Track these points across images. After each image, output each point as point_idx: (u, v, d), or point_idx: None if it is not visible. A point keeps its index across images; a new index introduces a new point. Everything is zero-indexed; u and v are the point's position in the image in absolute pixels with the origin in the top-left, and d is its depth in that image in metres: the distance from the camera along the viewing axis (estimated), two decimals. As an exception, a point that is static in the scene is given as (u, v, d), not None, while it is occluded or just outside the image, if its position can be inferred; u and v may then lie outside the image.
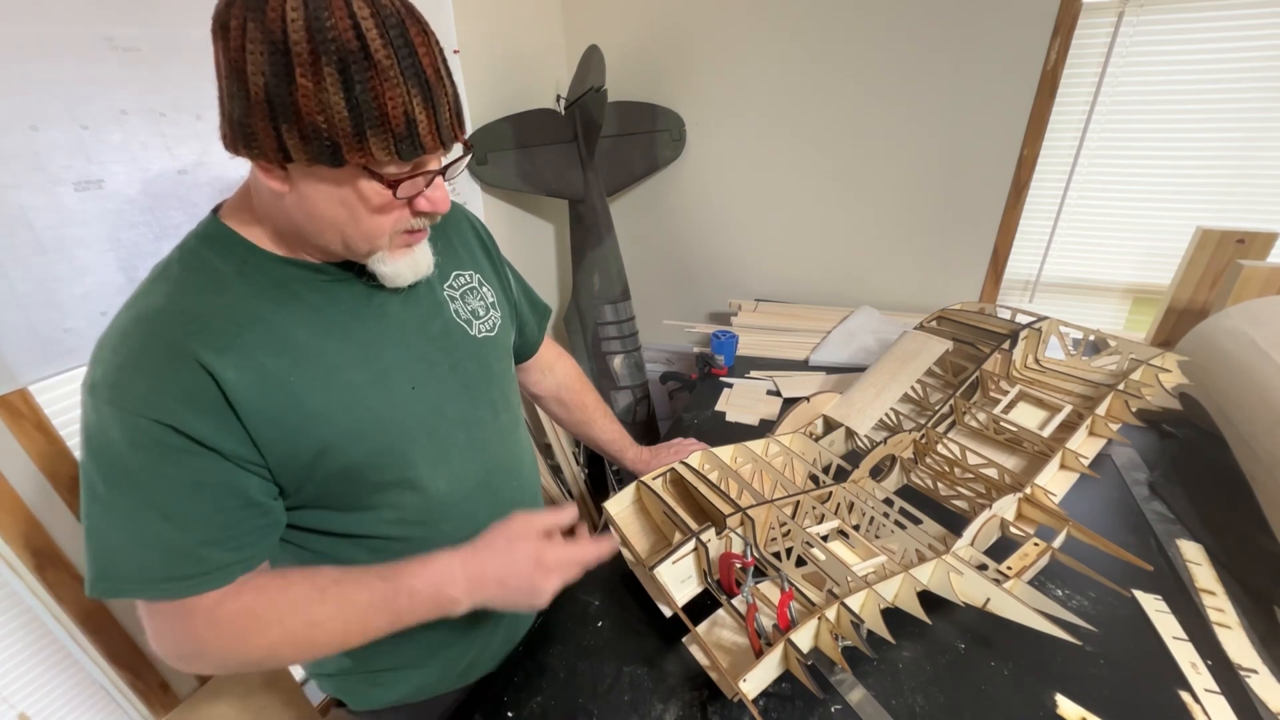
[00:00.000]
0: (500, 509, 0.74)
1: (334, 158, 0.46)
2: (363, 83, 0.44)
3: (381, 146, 0.46)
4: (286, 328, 0.55)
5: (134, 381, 0.49)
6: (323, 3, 0.43)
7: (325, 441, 0.56)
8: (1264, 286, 1.24)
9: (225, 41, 0.44)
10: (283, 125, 0.44)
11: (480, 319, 0.72)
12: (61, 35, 0.83)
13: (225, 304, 0.52)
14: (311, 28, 0.42)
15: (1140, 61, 1.41)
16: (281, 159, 0.46)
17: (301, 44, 0.43)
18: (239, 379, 0.51)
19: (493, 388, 0.73)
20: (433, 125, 0.48)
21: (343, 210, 0.51)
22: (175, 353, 0.49)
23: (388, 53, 0.44)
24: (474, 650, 0.78)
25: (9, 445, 0.90)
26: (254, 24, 0.43)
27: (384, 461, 0.61)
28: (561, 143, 1.72)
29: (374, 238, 0.54)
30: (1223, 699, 0.67)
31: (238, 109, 0.45)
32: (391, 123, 0.46)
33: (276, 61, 0.43)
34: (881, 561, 0.76)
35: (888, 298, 1.84)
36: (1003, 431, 1.01)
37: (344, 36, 0.43)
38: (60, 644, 1.01)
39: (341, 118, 0.44)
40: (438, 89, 0.48)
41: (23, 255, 0.84)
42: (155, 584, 0.51)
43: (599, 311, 1.87)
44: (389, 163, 0.48)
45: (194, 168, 1.00)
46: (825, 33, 1.61)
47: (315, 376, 0.56)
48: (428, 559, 0.60)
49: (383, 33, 0.44)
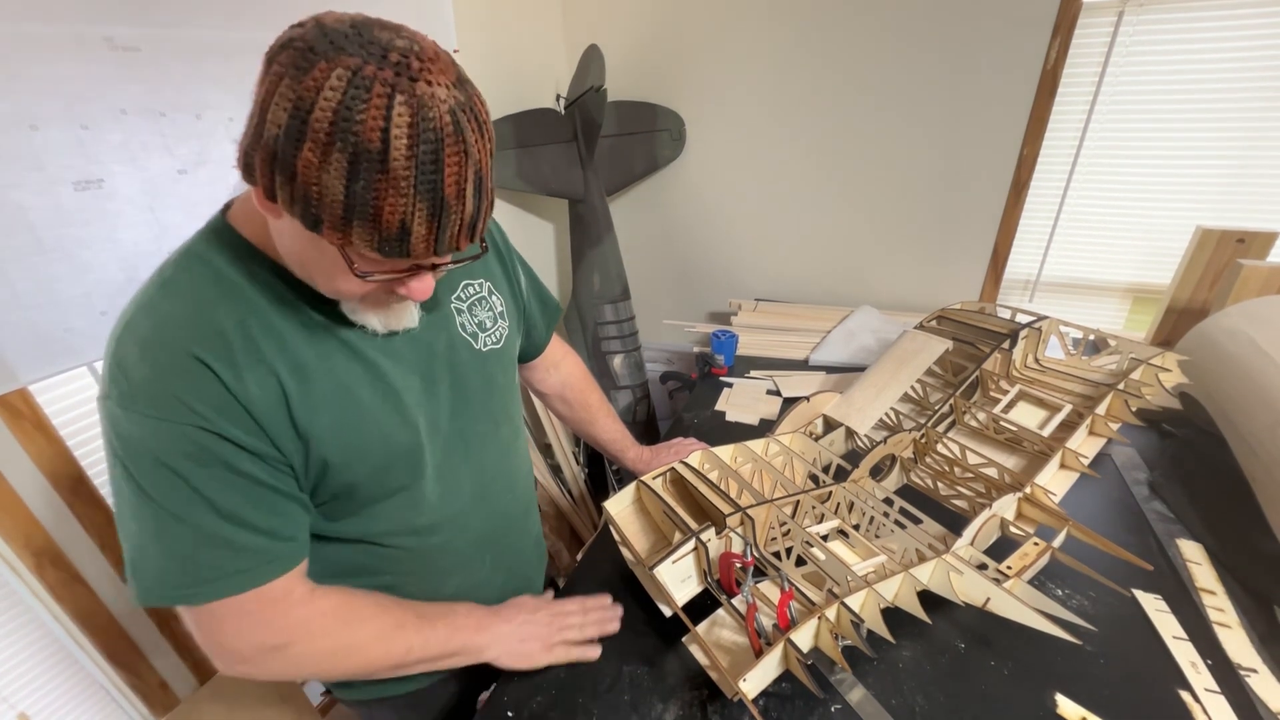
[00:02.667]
0: (493, 520, 0.75)
1: (313, 226, 0.44)
2: (367, 181, 0.42)
3: (364, 239, 0.44)
4: (297, 343, 0.55)
5: (167, 393, 0.49)
6: (363, 95, 0.40)
7: (331, 456, 0.57)
8: (1264, 286, 1.24)
9: (265, 76, 0.43)
10: (279, 177, 0.43)
11: (486, 331, 0.71)
12: (61, 35, 0.83)
13: (240, 317, 0.53)
14: (339, 113, 0.40)
15: (1140, 61, 1.41)
16: (268, 197, 0.46)
17: (322, 124, 0.41)
18: (259, 394, 0.52)
19: (494, 401, 0.73)
20: (431, 238, 0.46)
21: (316, 258, 0.50)
22: (200, 366, 0.50)
23: (408, 165, 0.42)
24: None
25: (9, 445, 0.90)
26: (290, 81, 0.41)
27: (385, 476, 0.62)
28: (561, 142, 1.72)
29: (341, 296, 0.54)
30: (1223, 698, 0.67)
31: (249, 139, 0.45)
32: (383, 225, 0.44)
33: (293, 126, 0.41)
34: (881, 561, 0.76)
35: (888, 297, 1.84)
36: (1003, 431, 1.01)
37: (368, 135, 0.41)
38: (60, 644, 1.01)
39: (334, 200, 0.43)
40: (453, 209, 0.45)
41: (23, 255, 0.84)
42: (229, 579, 0.53)
43: (599, 311, 1.87)
44: (368, 254, 0.46)
45: (194, 168, 1.00)
46: (825, 32, 1.61)
47: (326, 393, 0.56)
48: (473, 614, 0.70)
49: (412, 146, 0.42)
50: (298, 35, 0.42)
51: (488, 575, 0.76)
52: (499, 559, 0.78)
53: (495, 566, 0.77)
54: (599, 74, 1.58)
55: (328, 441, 0.56)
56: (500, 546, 0.78)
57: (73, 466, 0.98)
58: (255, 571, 0.54)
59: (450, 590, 0.72)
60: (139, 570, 0.52)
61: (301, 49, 0.41)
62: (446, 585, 0.72)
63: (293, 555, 0.57)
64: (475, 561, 0.74)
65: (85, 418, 1.01)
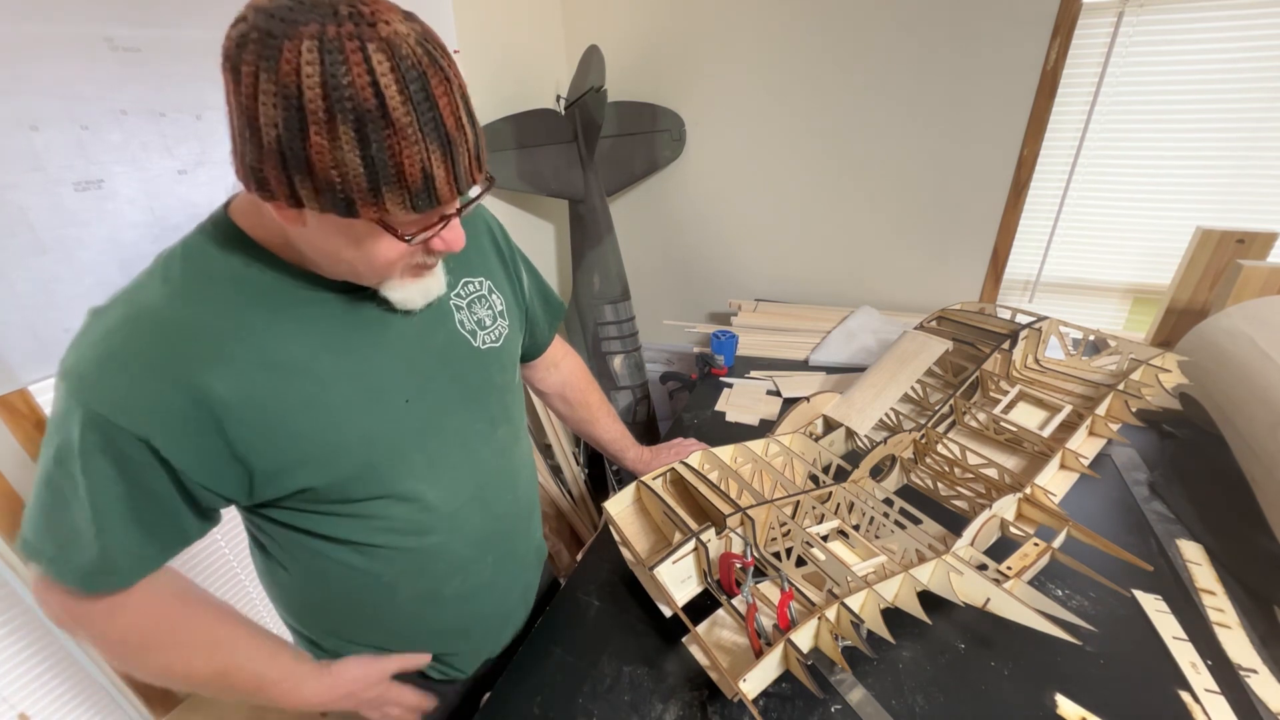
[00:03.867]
0: (494, 521, 0.74)
1: (348, 210, 0.45)
2: (379, 142, 0.42)
3: (397, 202, 0.45)
4: (278, 340, 0.54)
5: (108, 381, 0.48)
6: (339, 58, 0.40)
7: (307, 455, 0.56)
8: (1264, 286, 1.24)
9: (236, 85, 0.42)
10: (295, 176, 0.43)
11: (486, 329, 0.71)
12: (61, 35, 0.83)
13: (217, 311, 0.52)
14: (327, 84, 0.40)
15: (1140, 61, 1.41)
16: (292, 204, 0.46)
17: (316, 101, 0.40)
18: (226, 391, 0.51)
19: (492, 400, 0.72)
20: (450, 177, 0.47)
21: (355, 250, 0.50)
22: (158, 366, 0.49)
23: (406, 110, 0.42)
24: (469, 648, 0.78)
25: (9, 445, 0.90)
26: (267, 75, 0.40)
27: (369, 476, 0.61)
28: (561, 143, 1.72)
29: (384, 274, 0.54)
30: (1223, 699, 0.67)
31: (250, 154, 0.44)
32: (408, 180, 0.45)
33: (290, 117, 0.41)
34: (881, 561, 0.76)
35: (888, 298, 1.85)
36: (1003, 431, 1.01)
37: (361, 95, 0.41)
38: (60, 644, 1.01)
39: (356, 175, 0.43)
40: (458, 140, 0.46)
41: (23, 255, 0.84)
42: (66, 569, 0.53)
43: (599, 311, 1.87)
44: (404, 215, 0.47)
45: (194, 168, 1.00)
46: (825, 32, 1.61)
47: (302, 393, 0.55)
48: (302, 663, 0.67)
49: (402, 89, 0.42)
50: (246, 29, 0.41)
51: (489, 578, 0.76)
52: (501, 562, 0.77)
53: (497, 569, 0.77)
54: (599, 74, 1.58)
55: (305, 439, 0.55)
56: (502, 550, 0.77)
57: (73, 466, 0.98)
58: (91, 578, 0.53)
59: (450, 592, 0.72)
60: (24, 517, 0.53)
61: (259, 39, 0.40)
62: (446, 587, 0.71)
63: (131, 575, 0.55)
64: (476, 563, 0.73)
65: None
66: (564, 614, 0.82)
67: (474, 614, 0.77)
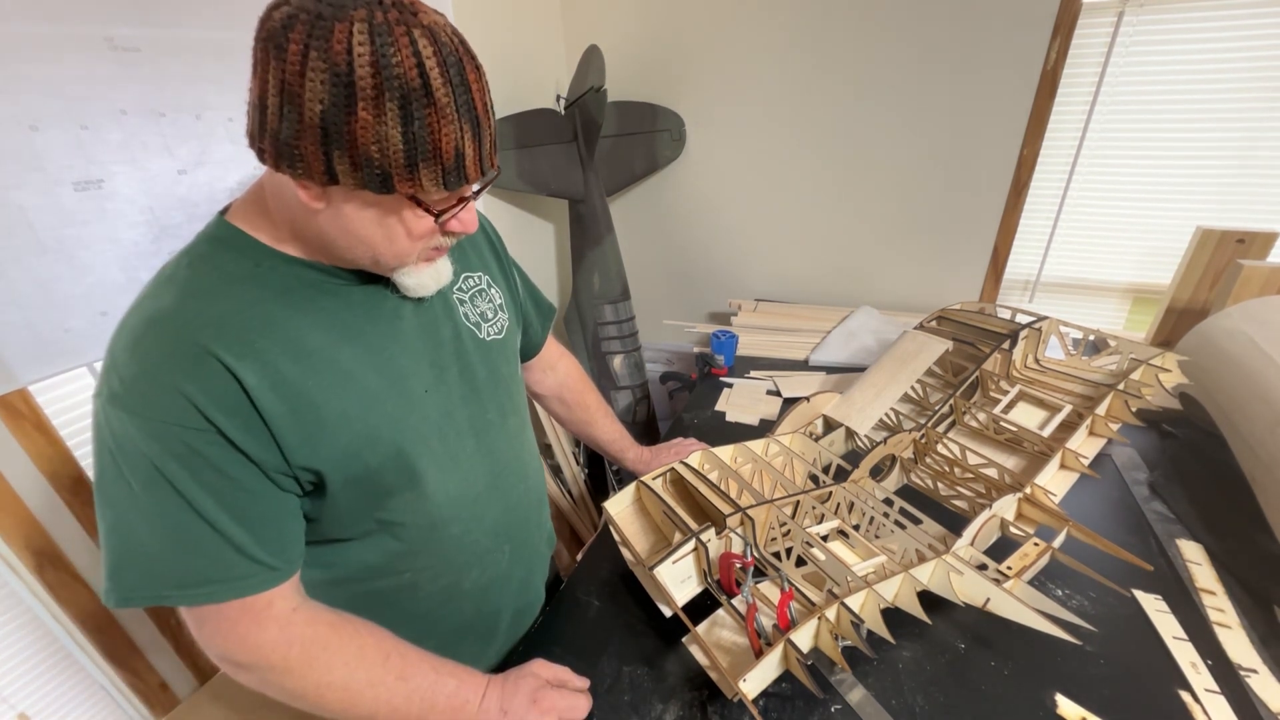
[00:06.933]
0: (509, 511, 0.75)
1: (383, 186, 0.47)
2: (421, 119, 0.45)
3: (431, 178, 0.48)
4: (301, 332, 0.55)
5: (157, 389, 0.49)
6: (389, 39, 0.43)
7: (343, 445, 0.56)
8: (1264, 286, 1.24)
9: (281, 61, 0.43)
10: (334, 151, 0.45)
11: (489, 322, 0.72)
12: (61, 35, 0.83)
13: (238, 307, 0.52)
14: (378, 64, 0.43)
15: (1140, 61, 1.41)
16: (326, 180, 0.47)
17: (367, 79, 0.43)
18: (258, 384, 0.51)
19: (500, 391, 0.73)
20: (477, 157, 0.50)
21: (380, 231, 0.52)
22: (196, 353, 0.49)
23: (446, 90, 0.46)
24: (475, 650, 0.78)
25: (9, 445, 0.90)
26: (317, 52, 0.42)
27: (397, 464, 0.61)
28: (561, 143, 1.72)
29: (405, 257, 0.55)
30: (1223, 699, 0.67)
31: (287, 130, 0.45)
32: (443, 156, 0.47)
33: (338, 92, 0.43)
34: (881, 561, 0.76)
35: (888, 298, 1.84)
36: (1003, 431, 1.01)
37: (408, 74, 0.44)
38: (60, 644, 1.01)
39: (396, 150, 0.45)
40: (485, 124, 0.50)
41: (23, 255, 0.84)
42: (206, 586, 0.52)
43: (599, 311, 1.87)
44: (435, 192, 0.50)
45: (194, 168, 1.00)
46: (825, 32, 1.61)
47: (331, 381, 0.56)
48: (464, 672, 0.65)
49: (444, 71, 0.45)
50: (292, 10, 0.43)
51: (506, 569, 0.76)
52: (517, 551, 0.78)
53: (514, 559, 0.77)
54: (599, 74, 1.58)
55: (340, 427, 0.56)
56: (518, 539, 0.78)
57: (72, 467, 0.98)
58: (234, 584, 0.52)
59: (469, 585, 0.72)
60: (110, 568, 0.51)
61: (309, 19, 0.43)
62: (466, 580, 0.72)
63: (277, 570, 0.55)
64: (494, 553, 0.74)
65: (85, 418, 1.01)
66: (564, 614, 0.82)
67: (492, 608, 0.77)
